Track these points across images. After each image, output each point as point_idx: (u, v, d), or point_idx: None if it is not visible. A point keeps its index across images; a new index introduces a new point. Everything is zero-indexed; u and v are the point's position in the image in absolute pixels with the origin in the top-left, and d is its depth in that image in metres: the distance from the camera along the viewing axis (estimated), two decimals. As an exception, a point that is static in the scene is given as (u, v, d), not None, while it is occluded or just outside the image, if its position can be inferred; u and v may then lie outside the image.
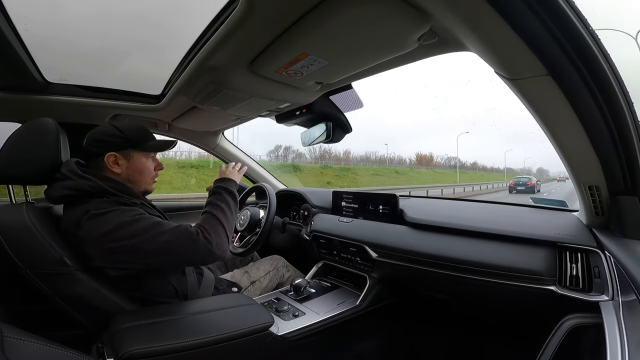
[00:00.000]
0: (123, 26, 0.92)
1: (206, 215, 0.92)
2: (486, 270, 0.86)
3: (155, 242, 0.80)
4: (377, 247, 1.14)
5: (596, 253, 0.75)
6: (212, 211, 0.93)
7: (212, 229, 0.87)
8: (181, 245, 0.82)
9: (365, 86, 6.14)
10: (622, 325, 0.54)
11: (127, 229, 0.80)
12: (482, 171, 57.46)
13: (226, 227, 0.91)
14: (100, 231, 0.79)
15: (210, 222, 0.89)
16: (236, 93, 1.02)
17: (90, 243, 0.80)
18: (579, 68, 0.52)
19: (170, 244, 0.81)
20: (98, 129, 0.95)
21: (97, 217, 0.80)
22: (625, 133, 0.60)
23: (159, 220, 0.85)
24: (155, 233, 0.81)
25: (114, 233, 0.79)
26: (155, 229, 0.82)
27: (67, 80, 1.19)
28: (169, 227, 0.84)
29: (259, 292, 1.25)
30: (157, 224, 0.83)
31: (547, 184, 26.88)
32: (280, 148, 30.26)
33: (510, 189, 18.40)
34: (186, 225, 0.85)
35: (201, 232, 0.84)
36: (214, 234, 0.86)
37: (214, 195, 1.01)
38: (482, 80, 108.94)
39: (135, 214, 0.83)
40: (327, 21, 0.61)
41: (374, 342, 1.21)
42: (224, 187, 1.03)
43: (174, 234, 0.82)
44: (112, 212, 0.81)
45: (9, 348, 0.44)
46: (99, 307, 0.83)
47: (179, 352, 0.74)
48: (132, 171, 0.95)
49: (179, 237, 0.82)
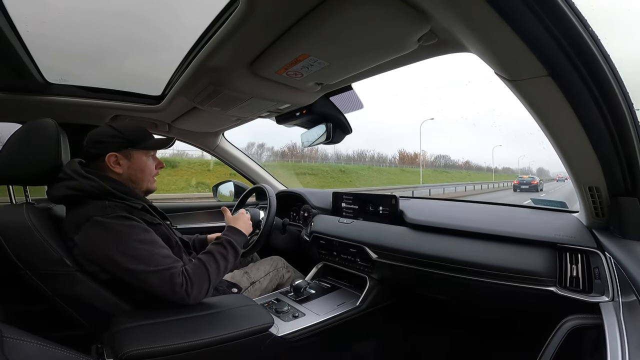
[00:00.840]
0: (123, 27, 0.92)
1: (200, 266, 0.88)
2: (486, 271, 0.86)
3: (139, 277, 0.80)
4: (377, 248, 1.14)
5: (596, 254, 0.75)
6: (208, 265, 0.88)
7: (197, 284, 0.84)
8: (161, 289, 0.81)
9: (365, 87, 6.15)
10: (622, 326, 0.54)
11: (121, 247, 0.79)
12: (475, 171, 55.73)
13: (212, 284, 0.88)
14: (95, 243, 0.80)
15: (199, 277, 0.85)
16: (236, 94, 1.02)
17: (83, 250, 0.81)
18: (579, 69, 0.52)
19: (152, 284, 0.80)
20: (97, 130, 0.95)
21: (97, 226, 0.80)
22: (625, 133, 0.60)
23: (152, 251, 0.82)
24: (144, 270, 0.79)
25: (107, 251, 0.79)
26: (147, 262, 0.80)
27: (67, 80, 1.19)
28: (160, 265, 0.81)
29: (259, 293, 1.25)
30: (150, 257, 0.81)
31: (547, 184, 27.03)
32: (253, 145, 29.78)
33: (515, 187, 20.00)
34: (174, 272, 0.81)
35: (185, 284, 0.82)
36: (197, 289, 0.84)
37: (219, 246, 0.96)
38: (482, 81, 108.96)
39: (134, 234, 0.82)
40: (327, 22, 0.61)
41: (373, 342, 1.21)
42: (232, 243, 0.97)
43: (160, 278, 0.80)
44: (111, 225, 0.81)
45: (9, 348, 0.44)
46: (98, 307, 0.83)
47: (178, 352, 0.74)
48: (134, 170, 0.95)
49: (163, 283, 0.80)
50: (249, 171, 1.91)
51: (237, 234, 1.02)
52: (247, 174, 1.92)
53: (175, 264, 0.83)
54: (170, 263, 0.83)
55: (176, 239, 0.99)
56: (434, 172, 42.94)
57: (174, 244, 0.95)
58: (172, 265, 0.82)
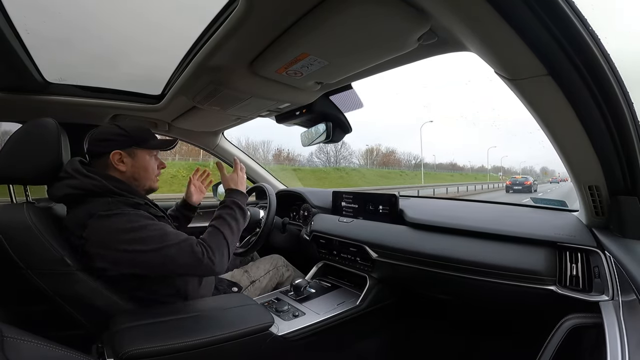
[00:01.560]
0: (123, 26, 0.92)
1: (214, 231, 0.89)
2: (486, 270, 0.86)
3: (161, 254, 0.80)
4: (377, 247, 1.14)
5: (596, 253, 0.75)
6: (221, 228, 0.90)
7: (217, 249, 0.85)
8: (185, 262, 0.81)
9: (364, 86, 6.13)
10: (622, 325, 0.54)
11: (134, 234, 0.80)
12: (459, 171, 54.08)
13: (231, 246, 0.89)
14: (107, 234, 0.80)
15: (216, 242, 0.87)
16: (236, 93, 1.02)
17: (94, 244, 0.81)
18: (578, 68, 0.52)
19: (175, 258, 0.80)
20: (100, 128, 0.96)
21: (104, 218, 0.81)
22: (625, 133, 0.60)
23: (166, 231, 0.84)
24: (162, 245, 0.80)
25: (121, 237, 0.79)
26: (162, 240, 0.81)
27: (67, 80, 1.19)
28: (176, 239, 0.82)
29: (258, 292, 1.25)
30: (165, 235, 0.82)
31: (541, 185, 26.76)
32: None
33: (507, 188, 18.85)
34: (192, 242, 0.83)
35: (206, 252, 0.83)
36: (218, 254, 0.84)
37: (226, 209, 0.97)
38: (482, 80, 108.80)
39: (143, 220, 0.83)
40: (327, 21, 0.61)
41: (374, 342, 1.21)
42: (237, 204, 0.99)
43: (180, 249, 0.81)
44: (119, 215, 0.81)
45: (9, 348, 0.44)
46: (99, 307, 0.83)
47: (178, 352, 0.74)
48: (137, 169, 0.96)
49: (184, 254, 0.81)
50: (249, 170, 1.91)
51: (238, 193, 1.04)
52: (247, 174, 1.92)
53: (190, 237, 0.84)
54: (185, 237, 0.84)
55: None
56: (415, 173, 39.27)
57: None
58: (187, 238, 0.84)
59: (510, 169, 69.48)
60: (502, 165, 70.61)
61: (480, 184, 26.55)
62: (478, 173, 54.89)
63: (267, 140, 35.72)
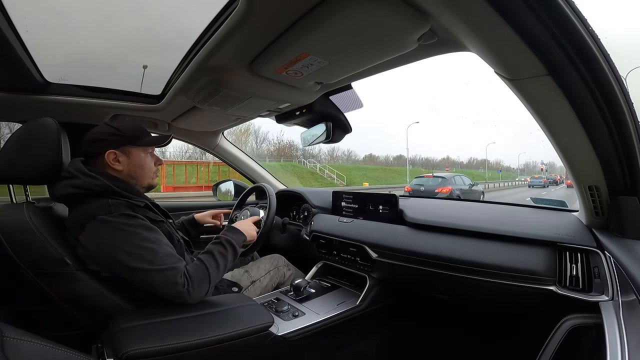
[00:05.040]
0: (123, 26, 0.92)
1: (199, 265, 0.89)
2: (486, 270, 0.86)
3: (146, 275, 0.80)
4: (377, 247, 1.14)
5: (596, 253, 0.75)
6: (207, 264, 0.89)
7: (198, 283, 0.85)
8: (165, 290, 0.81)
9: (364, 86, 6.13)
10: (622, 326, 0.54)
11: (125, 249, 0.80)
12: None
13: (212, 282, 0.89)
14: (100, 242, 0.81)
15: (200, 276, 0.86)
16: (236, 93, 1.02)
17: (86, 250, 0.82)
18: (578, 68, 0.52)
19: (156, 285, 0.81)
20: (95, 129, 0.95)
21: (101, 225, 0.81)
22: (625, 133, 0.60)
23: (157, 250, 0.83)
24: (149, 268, 0.80)
25: (112, 250, 0.80)
26: (152, 262, 0.80)
27: (67, 80, 1.19)
28: (164, 264, 0.81)
29: (259, 292, 1.25)
30: (155, 257, 0.81)
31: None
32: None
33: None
34: (177, 272, 0.82)
35: (186, 284, 0.82)
36: (198, 288, 0.84)
37: (218, 245, 0.96)
38: (482, 80, 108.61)
39: (138, 234, 0.82)
40: (327, 21, 0.61)
41: (373, 342, 1.21)
42: (231, 242, 0.98)
43: (164, 277, 0.81)
44: (116, 225, 0.81)
45: (9, 348, 0.44)
46: (99, 306, 0.83)
47: (178, 352, 0.74)
48: (133, 167, 0.96)
49: (167, 284, 0.81)
50: (249, 170, 1.91)
51: (236, 233, 1.03)
52: (246, 173, 1.92)
53: (178, 264, 0.84)
54: (174, 263, 0.83)
55: (178, 237, 1.00)
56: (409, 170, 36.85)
57: (176, 242, 0.96)
58: (175, 265, 0.83)
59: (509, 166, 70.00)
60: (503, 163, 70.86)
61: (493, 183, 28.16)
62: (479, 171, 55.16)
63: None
